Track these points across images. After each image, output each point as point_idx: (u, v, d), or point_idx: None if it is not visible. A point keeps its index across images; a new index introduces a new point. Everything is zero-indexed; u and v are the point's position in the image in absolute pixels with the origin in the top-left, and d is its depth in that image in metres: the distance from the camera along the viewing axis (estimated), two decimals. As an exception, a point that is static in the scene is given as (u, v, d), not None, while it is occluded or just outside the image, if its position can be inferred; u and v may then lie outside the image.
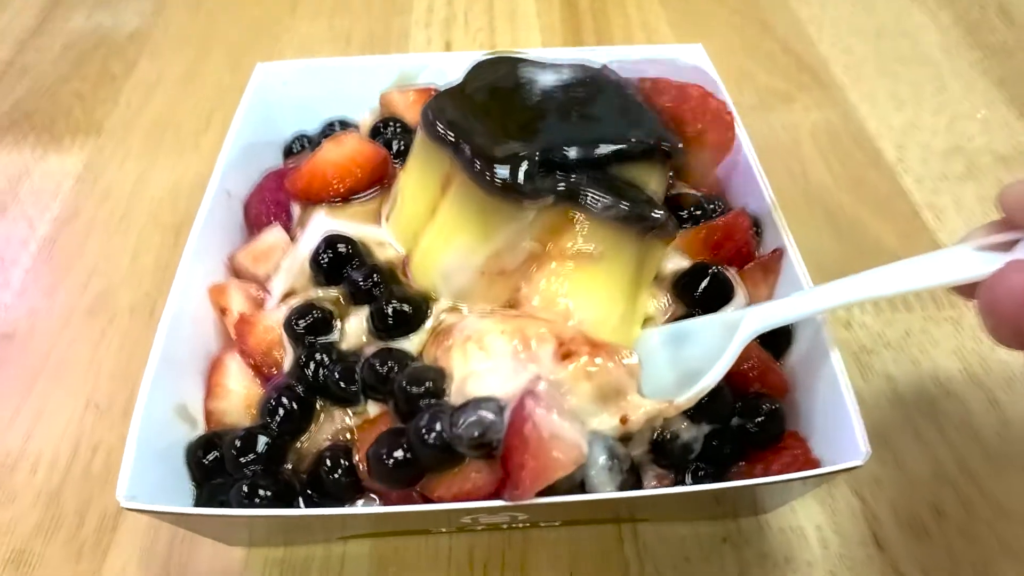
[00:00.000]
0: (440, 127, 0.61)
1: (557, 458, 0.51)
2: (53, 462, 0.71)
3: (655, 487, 0.59)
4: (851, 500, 0.66)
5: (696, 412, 0.60)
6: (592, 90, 0.66)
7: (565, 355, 0.55)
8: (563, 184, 0.58)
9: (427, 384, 0.56)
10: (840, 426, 0.58)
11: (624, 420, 0.55)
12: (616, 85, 0.68)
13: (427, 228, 0.65)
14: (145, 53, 1.20)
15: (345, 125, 0.90)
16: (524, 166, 0.57)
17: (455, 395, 0.55)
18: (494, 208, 0.59)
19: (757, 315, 0.59)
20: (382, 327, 0.62)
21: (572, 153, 0.58)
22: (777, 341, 0.66)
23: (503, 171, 0.56)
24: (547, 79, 0.65)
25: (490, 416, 0.52)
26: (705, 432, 0.61)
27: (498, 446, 0.52)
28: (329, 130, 0.89)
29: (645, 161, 0.62)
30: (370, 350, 0.62)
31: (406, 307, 0.62)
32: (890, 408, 0.73)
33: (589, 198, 0.58)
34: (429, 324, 0.62)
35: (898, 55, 1.17)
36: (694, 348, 0.61)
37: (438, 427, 0.52)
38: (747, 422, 0.60)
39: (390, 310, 0.62)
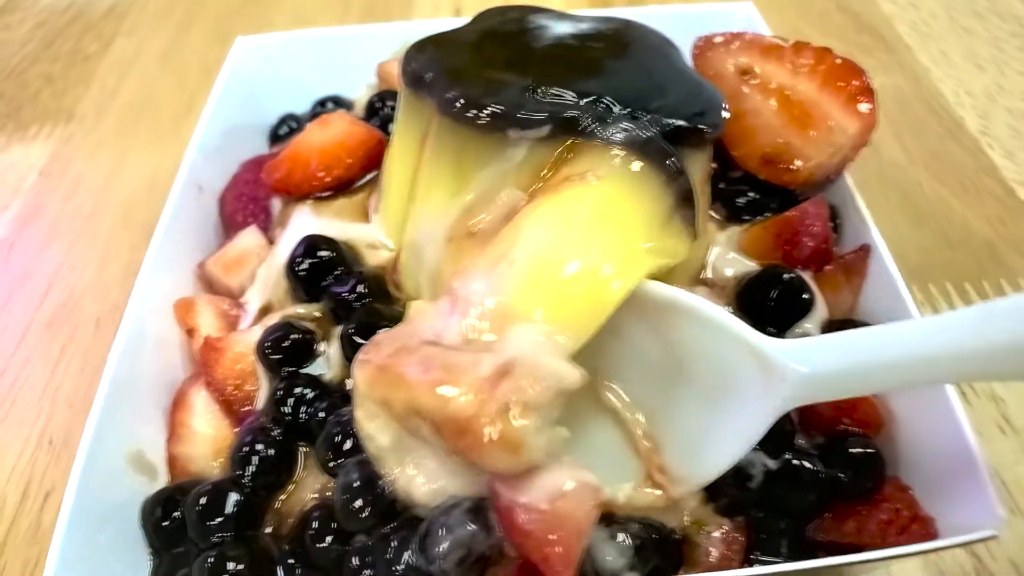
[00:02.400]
0: (413, 67, 0.49)
1: (575, 518, 0.38)
2: (-2, 510, 0.60)
3: (721, 553, 0.47)
4: (961, 558, 0.54)
5: None
6: (618, 44, 0.52)
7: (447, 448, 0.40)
8: (565, 110, 0.45)
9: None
10: (956, 473, 0.46)
11: None
12: (648, 40, 0.55)
13: (409, 214, 0.53)
14: (123, 29, 1.08)
15: (339, 103, 0.77)
16: (509, 92, 0.45)
17: (395, 489, 0.44)
18: (473, 149, 0.47)
19: (808, 375, 0.39)
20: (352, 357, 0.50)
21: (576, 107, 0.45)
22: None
23: (485, 98, 0.44)
24: (563, 28, 0.52)
25: (466, 529, 0.40)
26: (762, 459, 0.48)
27: (493, 553, 0.41)
28: (320, 110, 0.77)
29: (679, 143, 0.48)
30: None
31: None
32: (1002, 438, 0.60)
33: (600, 128, 0.44)
34: None
35: (973, 7, 1.02)
36: (699, 358, 0.43)
37: (406, 558, 0.41)
38: (836, 471, 0.48)
39: (360, 338, 0.49)
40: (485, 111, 0.45)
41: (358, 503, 0.44)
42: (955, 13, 1.02)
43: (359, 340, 0.49)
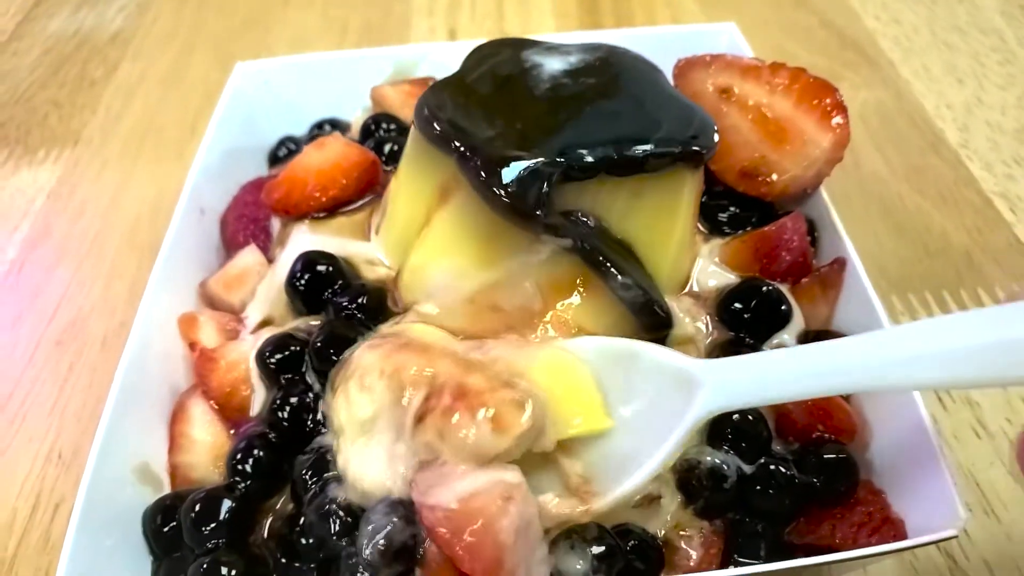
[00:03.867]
0: (439, 127, 0.51)
1: (486, 513, 0.41)
2: (9, 524, 0.62)
3: (700, 556, 0.49)
4: (936, 559, 0.56)
5: (714, 435, 0.51)
6: (608, 76, 0.55)
7: (421, 416, 0.45)
8: (585, 240, 0.50)
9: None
10: (925, 477, 0.48)
11: None
12: (635, 67, 0.57)
13: (419, 242, 0.55)
14: (128, 54, 1.11)
15: (336, 125, 0.80)
16: (543, 187, 0.47)
17: (342, 470, 0.48)
18: (503, 232, 0.50)
19: (718, 388, 0.44)
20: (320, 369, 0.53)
21: (592, 159, 0.48)
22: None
23: (520, 189, 0.46)
24: (556, 65, 0.55)
25: (387, 522, 0.44)
26: (737, 462, 0.50)
27: (419, 543, 0.44)
28: (318, 132, 0.80)
29: (676, 164, 0.51)
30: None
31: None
32: (976, 442, 0.61)
33: (609, 271, 0.50)
34: None
35: (954, 23, 1.05)
36: (639, 389, 0.47)
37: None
38: (811, 476, 0.50)
39: (329, 350, 0.53)
40: (524, 208, 0.47)
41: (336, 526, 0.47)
42: (937, 28, 1.04)
43: (328, 352, 0.52)
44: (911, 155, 0.88)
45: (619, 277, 0.49)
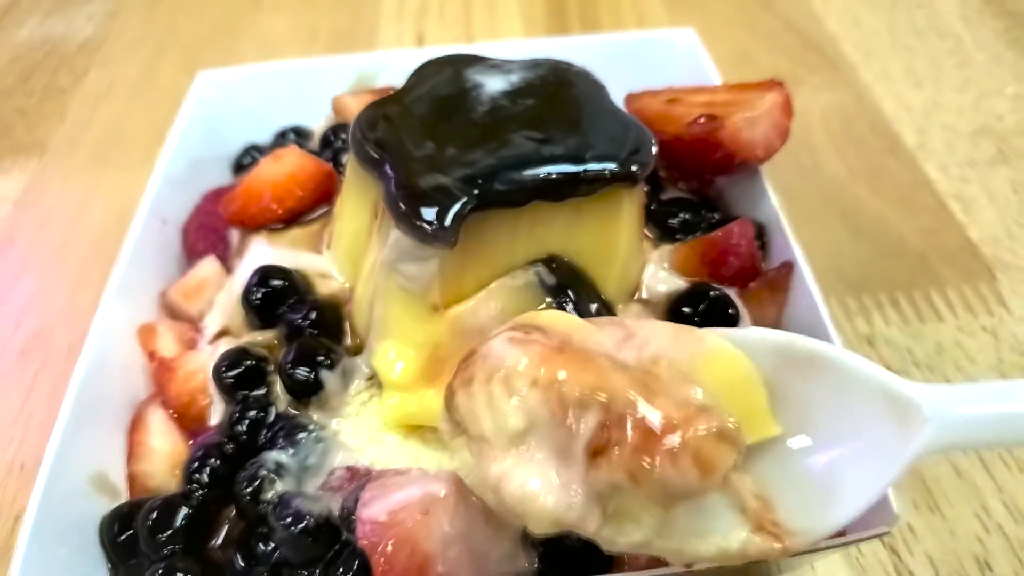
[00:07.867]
0: (366, 147, 0.51)
1: (404, 527, 0.42)
2: (-30, 534, 0.63)
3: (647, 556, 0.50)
4: (881, 554, 0.57)
5: None
6: (546, 96, 0.55)
7: (598, 449, 0.37)
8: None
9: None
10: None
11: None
12: (575, 85, 0.58)
13: (363, 270, 0.55)
14: (96, 62, 1.11)
15: (300, 134, 0.81)
16: (456, 215, 0.46)
17: (494, 486, 0.40)
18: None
19: (947, 424, 0.37)
20: (294, 388, 0.54)
21: (516, 186, 0.48)
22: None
23: (430, 217, 0.46)
24: (495, 84, 0.55)
25: (303, 503, 0.48)
26: None
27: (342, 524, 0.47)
28: (281, 140, 0.80)
29: (612, 185, 0.52)
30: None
31: (322, 367, 0.53)
32: (923, 440, 0.63)
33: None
34: (354, 387, 0.53)
35: (914, 27, 1.07)
36: (825, 402, 0.41)
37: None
38: (755, 476, 0.51)
39: (299, 370, 0.53)
40: (434, 232, 0.46)
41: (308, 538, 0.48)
42: (897, 31, 1.06)
43: (299, 373, 0.53)
44: (870, 158, 0.89)
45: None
